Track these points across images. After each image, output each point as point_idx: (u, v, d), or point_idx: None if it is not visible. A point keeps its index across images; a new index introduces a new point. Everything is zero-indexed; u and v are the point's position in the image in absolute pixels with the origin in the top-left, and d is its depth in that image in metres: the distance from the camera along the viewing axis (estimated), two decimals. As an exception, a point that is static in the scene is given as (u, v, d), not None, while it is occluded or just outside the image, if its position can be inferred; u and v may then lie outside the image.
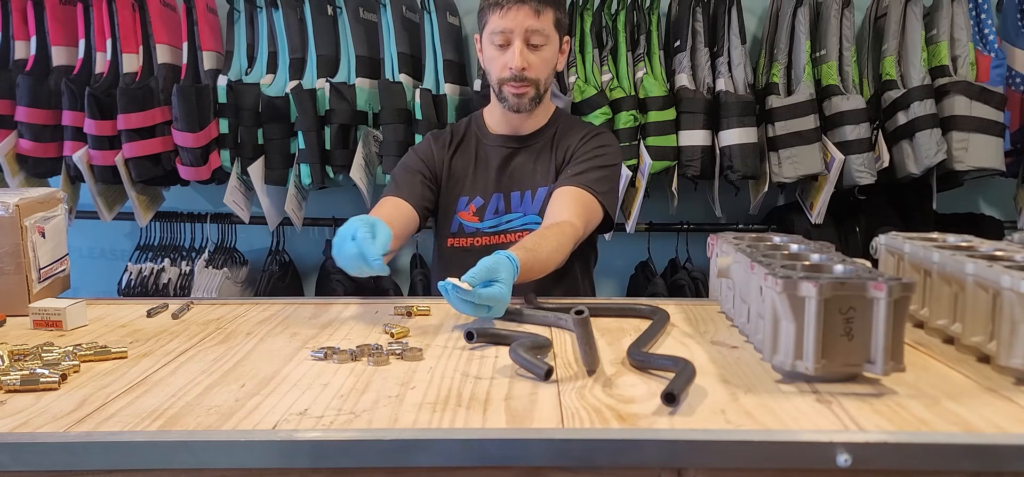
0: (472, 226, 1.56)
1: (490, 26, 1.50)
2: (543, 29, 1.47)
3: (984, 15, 2.19)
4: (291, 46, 2.18)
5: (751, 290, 0.99)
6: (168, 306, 1.24)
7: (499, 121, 1.60)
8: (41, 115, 2.14)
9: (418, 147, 1.65)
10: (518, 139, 1.59)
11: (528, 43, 1.48)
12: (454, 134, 1.63)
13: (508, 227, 1.55)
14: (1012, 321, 0.84)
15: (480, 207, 1.57)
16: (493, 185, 1.57)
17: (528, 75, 1.49)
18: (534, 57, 1.49)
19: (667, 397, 0.76)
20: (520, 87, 1.50)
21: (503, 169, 1.58)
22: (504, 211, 1.56)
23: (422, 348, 0.97)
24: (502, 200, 1.57)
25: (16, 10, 2.18)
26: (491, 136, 1.61)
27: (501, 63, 1.50)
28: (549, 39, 1.49)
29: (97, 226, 2.44)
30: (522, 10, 1.46)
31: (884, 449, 0.69)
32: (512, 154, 1.58)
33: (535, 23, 1.46)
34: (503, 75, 1.50)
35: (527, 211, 1.55)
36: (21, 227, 1.22)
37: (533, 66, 1.49)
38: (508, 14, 1.46)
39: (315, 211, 2.45)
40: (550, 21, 1.49)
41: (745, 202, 2.32)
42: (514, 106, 1.52)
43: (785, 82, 2.18)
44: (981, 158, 2.07)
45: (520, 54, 1.47)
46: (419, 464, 0.70)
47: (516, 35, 1.47)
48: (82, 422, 0.75)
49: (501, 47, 1.49)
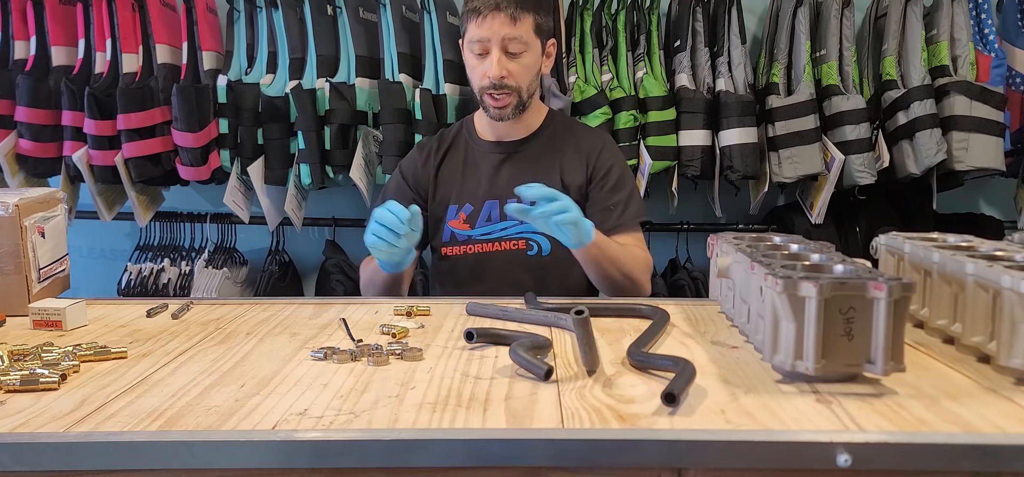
0: (463, 234, 1.55)
1: (469, 35, 1.49)
2: (521, 36, 1.46)
3: (984, 15, 2.19)
4: (291, 46, 2.18)
5: (751, 290, 0.99)
6: (168, 306, 1.24)
7: (488, 127, 1.59)
8: (41, 115, 2.14)
9: (404, 165, 1.64)
10: (511, 145, 1.58)
11: (506, 51, 1.46)
12: (442, 142, 1.62)
13: (503, 234, 1.54)
14: (1012, 321, 0.84)
15: (471, 214, 1.55)
16: (485, 192, 1.56)
17: (508, 83, 1.47)
18: (513, 65, 1.47)
19: (667, 397, 0.76)
20: (500, 96, 1.48)
21: (496, 175, 1.56)
22: (498, 219, 1.55)
23: (422, 348, 0.97)
24: (496, 207, 1.55)
25: (16, 10, 2.17)
26: (482, 142, 1.60)
27: (480, 72, 1.49)
28: (529, 45, 1.48)
29: (97, 226, 2.44)
30: (498, 18, 1.44)
31: (884, 449, 0.69)
32: (504, 160, 1.57)
33: (512, 31, 1.45)
34: (483, 84, 1.49)
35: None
36: (21, 227, 1.21)
37: (512, 74, 1.47)
38: (484, 23, 1.45)
39: (315, 211, 2.45)
40: (529, 27, 1.47)
41: (745, 202, 2.32)
42: (496, 115, 1.51)
43: (785, 82, 2.18)
44: (981, 158, 2.07)
45: (497, 63, 1.46)
46: (419, 464, 0.70)
47: (494, 44, 1.46)
48: (82, 422, 0.75)
49: (480, 55, 1.48)
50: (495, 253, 1.54)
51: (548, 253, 1.54)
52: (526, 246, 1.55)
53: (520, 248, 1.54)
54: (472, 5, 1.47)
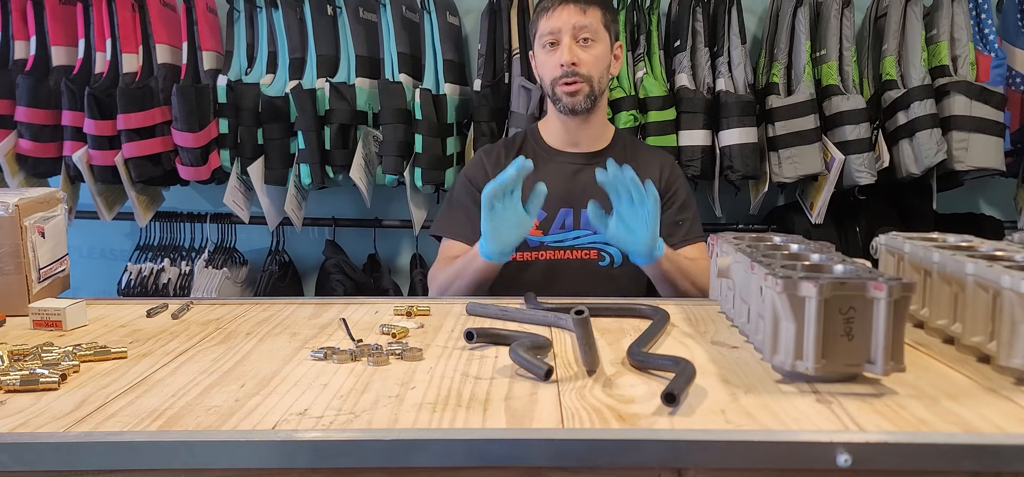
0: (536, 240, 1.55)
1: (540, 31, 1.53)
2: (590, 25, 1.49)
3: (984, 15, 2.19)
4: (291, 46, 2.18)
5: (751, 290, 0.99)
6: (168, 306, 1.24)
7: (559, 136, 1.60)
8: (41, 115, 2.14)
9: (470, 170, 1.63)
10: (585, 156, 1.59)
11: (577, 40, 1.49)
12: (510, 148, 1.62)
13: (575, 243, 1.54)
14: (1012, 321, 0.84)
15: (544, 220, 1.55)
16: (560, 199, 1.55)
17: (580, 71, 1.49)
18: (584, 54, 1.50)
19: (667, 397, 0.76)
20: (572, 84, 1.50)
21: (571, 184, 1.56)
22: (572, 226, 1.55)
23: (422, 348, 0.97)
24: (571, 215, 1.55)
25: (16, 10, 2.18)
26: (553, 151, 1.61)
27: (553, 63, 1.51)
28: (598, 36, 1.51)
29: (97, 226, 2.44)
30: (567, 9, 1.48)
31: (884, 449, 0.69)
32: (580, 170, 1.57)
33: (582, 19, 1.48)
34: (555, 74, 1.51)
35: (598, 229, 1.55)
36: (21, 227, 1.21)
37: (584, 62, 1.50)
38: (554, 15, 1.49)
39: (315, 211, 2.45)
40: (598, 18, 1.50)
41: (745, 202, 2.32)
42: (568, 106, 1.52)
43: (785, 82, 2.18)
44: (981, 158, 2.07)
45: (569, 49, 1.48)
46: (419, 464, 0.70)
47: (564, 32, 1.49)
48: (82, 422, 0.75)
49: (552, 47, 1.51)
50: (567, 261, 1.54)
51: (619, 265, 1.55)
52: (598, 256, 1.55)
53: (592, 258, 1.55)
54: (542, 4, 1.53)
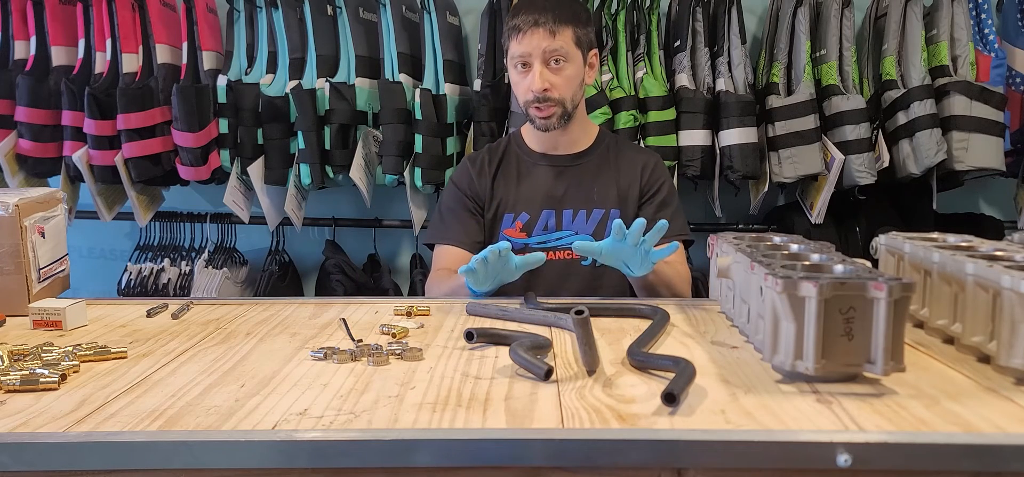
0: (519, 242, 1.57)
1: (511, 52, 1.53)
2: (561, 48, 1.49)
3: (984, 15, 2.19)
4: (291, 46, 2.18)
5: (751, 290, 0.99)
6: (168, 306, 1.24)
7: (539, 141, 1.62)
8: (41, 115, 2.14)
9: (457, 178, 1.65)
10: (567, 158, 1.60)
11: (548, 64, 1.49)
12: (493, 154, 1.64)
13: (558, 244, 1.56)
14: (1012, 321, 0.84)
15: (527, 222, 1.57)
16: (542, 201, 1.58)
17: (551, 95, 1.50)
18: (556, 77, 1.50)
19: (667, 397, 0.76)
20: (544, 108, 1.51)
21: (553, 186, 1.58)
22: (554, 228, 1.57)
23: (422, 348, 0.97)
24: (553, 217, 1.57)
25: (16, 10, 2.18)
26: (535, 154, 1.62)
27: (524, 86, 1.52)
28: (570, 57, 1.50)
29: (97, 226, 2.44)
30: (537, 33, 1.47)
31: (884, 449, 0.69)
32: (561, 172, 1.59)
33: (552, 44, 1.48)
34: (527, 97, 1.52)
35: (579, 230, 1.56)
36: (21, 227, 1.21)
37: (555, 86, 1.50)
38: (525, 38, 1.49)
39: (315, 211, 2.45)
40: (569, 39, 1.50)
41: (745, 202, 2.32)
42: (542, 127, 1.54)
43: (785, 82, 2.18)
44: (981, 158, 2.07)
45: (540, 76, 1.49)
46: (419, 464, 0.70)
47: (535, 58, 1.49)
48: (82, 422, 0.75)
49: (524, 69, 1.51)
50: (550, 262, 1.55)
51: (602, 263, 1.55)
52: (581, 256, 1.56)
53: (575, 258, 1.56)
54: (512, 24, 1.51)
